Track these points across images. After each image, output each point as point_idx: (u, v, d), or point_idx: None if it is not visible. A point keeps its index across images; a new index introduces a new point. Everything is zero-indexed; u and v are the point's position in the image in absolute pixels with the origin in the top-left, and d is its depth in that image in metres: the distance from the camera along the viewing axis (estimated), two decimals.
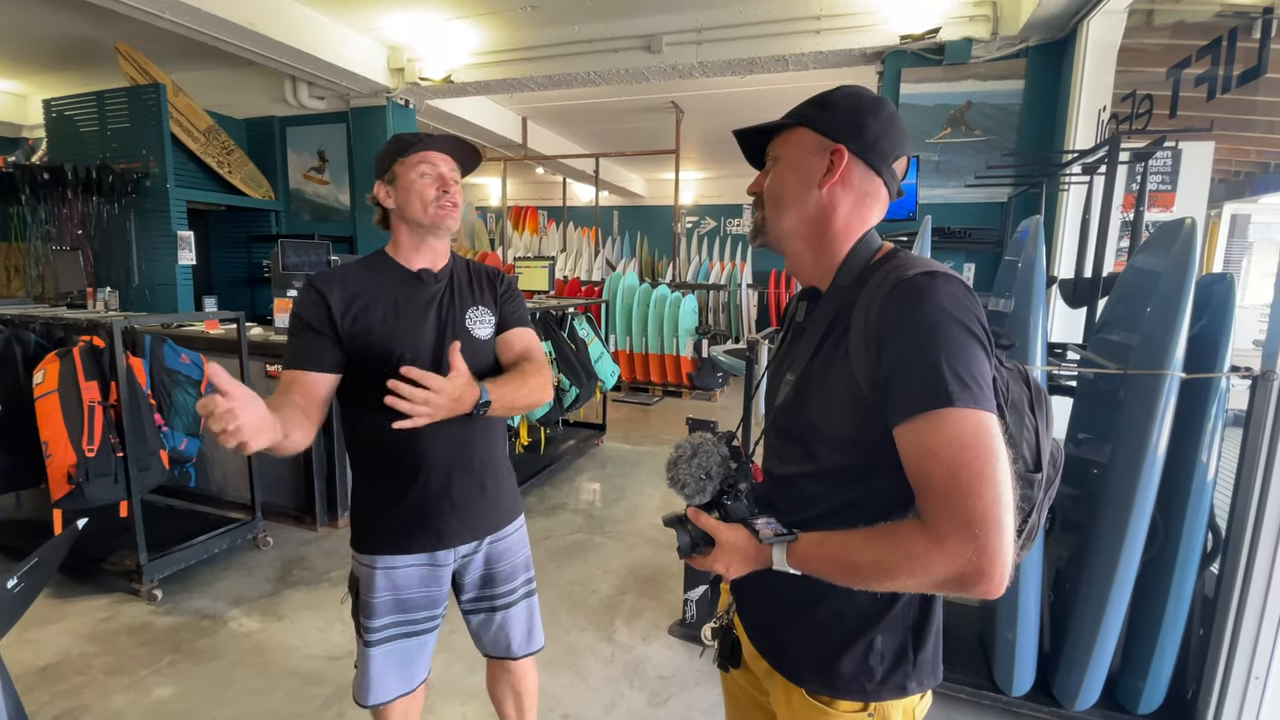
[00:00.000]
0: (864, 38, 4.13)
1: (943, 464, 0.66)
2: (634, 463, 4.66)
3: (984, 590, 0.65)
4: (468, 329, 1.35)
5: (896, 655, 0.83)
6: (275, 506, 3.42)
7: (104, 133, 4.86)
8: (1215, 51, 2.11)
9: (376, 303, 1.29)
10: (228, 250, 6.05)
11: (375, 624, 1.35)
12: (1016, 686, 1.98)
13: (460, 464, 1.34)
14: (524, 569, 1.50)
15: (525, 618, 1.50)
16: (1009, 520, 0.65)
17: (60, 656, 2.31)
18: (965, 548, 0.64)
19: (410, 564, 1.35)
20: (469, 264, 1.46)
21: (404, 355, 1.27)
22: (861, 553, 0.72)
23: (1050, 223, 3.71)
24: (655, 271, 10.50)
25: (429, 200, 1.29)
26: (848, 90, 0.84)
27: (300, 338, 1.28)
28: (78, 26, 4.73)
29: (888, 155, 0.82)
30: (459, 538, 1.37)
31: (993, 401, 0.69)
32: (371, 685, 1.37)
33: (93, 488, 2.47)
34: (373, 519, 1.36)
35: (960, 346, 0.69)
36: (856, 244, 0.83)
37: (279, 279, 3.88)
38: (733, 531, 0.82)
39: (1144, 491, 1.71)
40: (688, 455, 0.86)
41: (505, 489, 1.45)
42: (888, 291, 0.73)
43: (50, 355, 2.60)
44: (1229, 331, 1.72)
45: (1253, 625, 1.76)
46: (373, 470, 1.36)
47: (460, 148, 1.34)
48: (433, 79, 5.07)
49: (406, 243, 1.35)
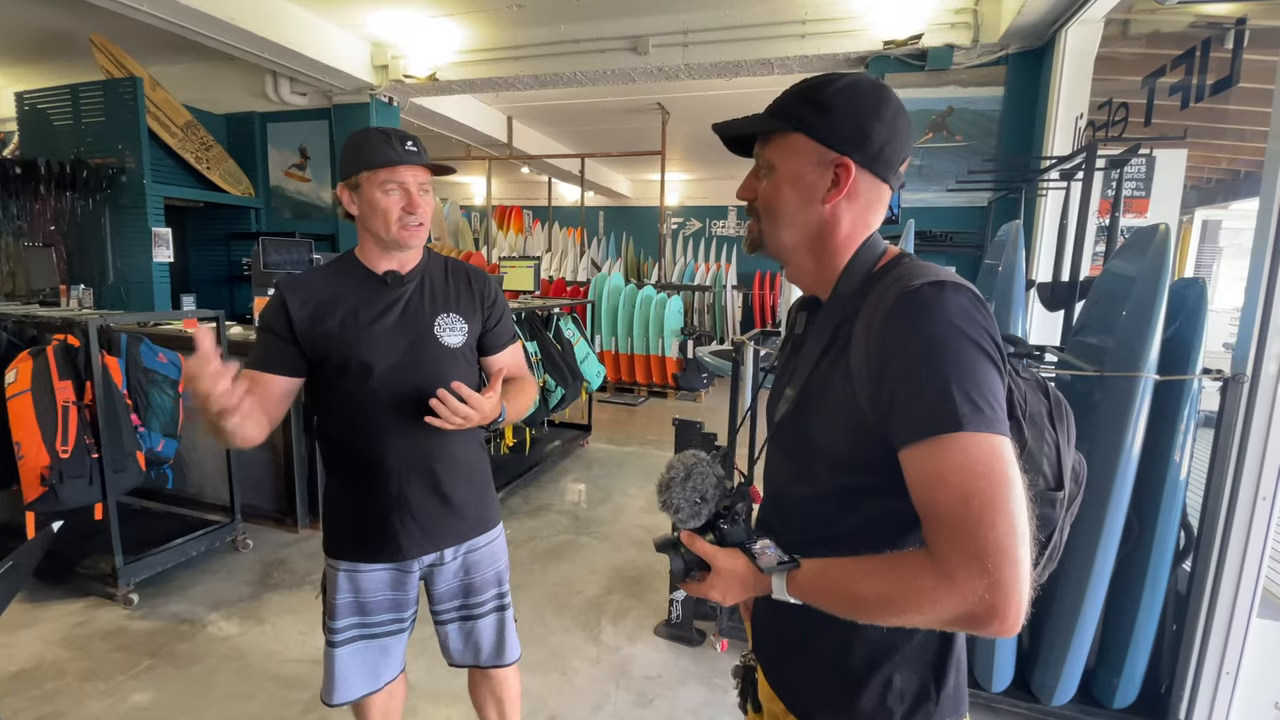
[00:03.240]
0: (848, 42, 4.17)
1: (952, 492, 0.61)
2: (619, 463, 4.66)
3: (997, 630, 0.60)
4: (435, 335, 1.31)
5: (918, 695, 0.75)
6: (255, 508, 3.37)
7: (78, 127, 4.75)
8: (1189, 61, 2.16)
9: (336, 308, 1.28)
10: (206, 248, 5.95)
11: (338, 624, 1.36)
12: (996, 683, 2.02)
13: (420, 473, 1.31)
14: (495, 583, 1.46)
15: (494, 630, 1.47)
16: (1024, 553, 0.59)
17: (34, 662, 2.26)
18: (976, 583, 0.58)
19: (374, 569, 1.35)
20: (447, 263, 1.41)
21: (362, 359, 1.26)
22: (866, 585, 0.67)
23: (1029, 227, 3.77)
24: (641, 272, 10.50)
25: (392, 220, 1.25)
26: (844, 85, 0.74)
27: (261, 339, 1.30)
28: (51, 18, 4.62)
29: (895, 161, 0.76)
30: (420, 548, 1.35)
31: (1005, 424, 0.64)
32: (336, 684, 1.37)
33: (67, 490, 2.41)
34: (338, 523, 1.36)
35: (970, 365, 0.63)
36: (859, 250, 0.77)
37: (259, 277, 3.83)
38: (730, 558, 0.77)
39: (1119, 491, 1.75)
40: (680, 478, 0.80)
41: (475, 500, 1.40)
42: (891, 304, 0.67)
43: (23, 354, 2.53)
44: (1201, 335, 1.76)
45: (1223, 621, 1.81)
46: (339, 475, 1.36)
47: (432, 166, 1.30)
48: (417, 77, 5.03)
49: (371, 248, 1.32)
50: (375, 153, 1.23)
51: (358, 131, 1.29)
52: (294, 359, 1.28)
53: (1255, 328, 1.70)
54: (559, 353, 4.20)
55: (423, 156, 1.27)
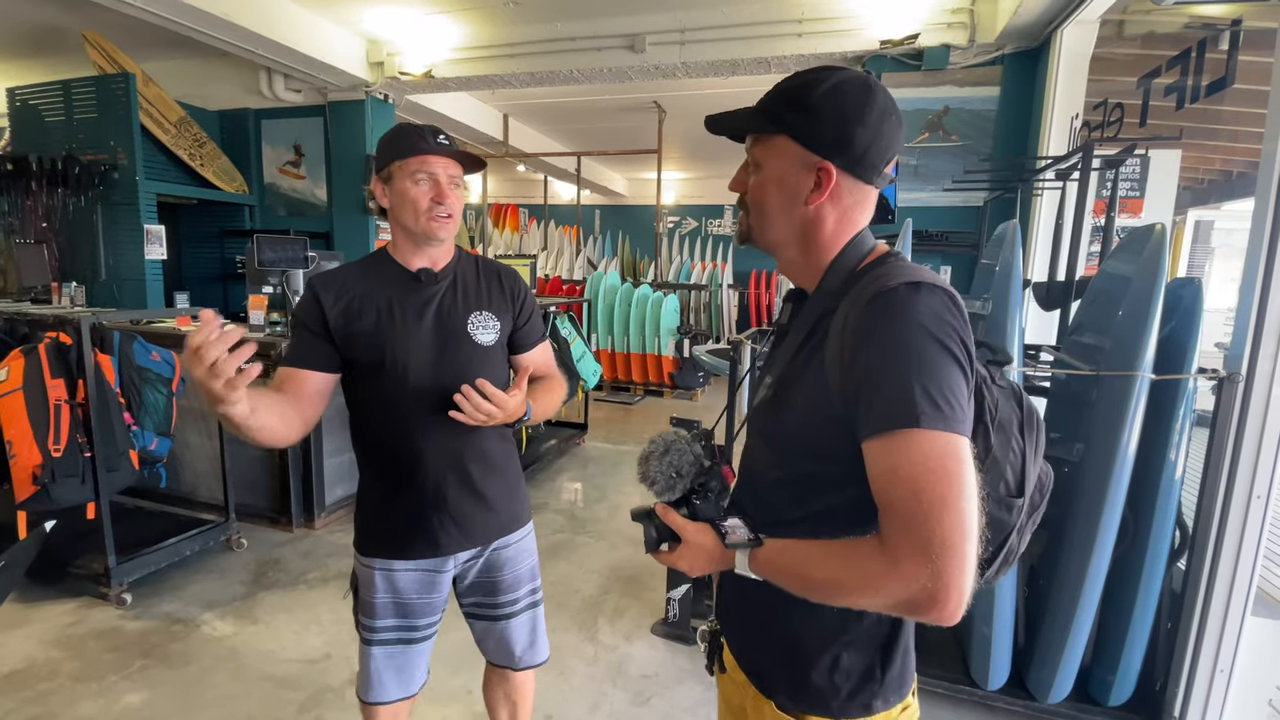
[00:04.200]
0: (845, 42, 4.17)
1: (905, 485, 0.64)
2: (615, 462, 4.65)
3: (937, 617, 0.63)
4: (469, 334, 1.32)
5: (863, 674, 0.81)
6: (249, 507, 3.35)
7: (70, 123, 4.70)
8: (1184, 62, 2.17)
9: (370, 304, 1.27)
10: (200, 245, 5.90)
11: (377, 624, 1.35)
12: (992, 681, 2.02)
13: (456, 470, 1.31)
14: (529, 578, 1.47)
15: (529, 628, 1.47)
16: (970, 548, 0.62)
17: (26, 663, 2.24)
18: (920, 572, 0.62)
19: (409, 569, 1.34)
20: (478, 262, 1.42)
21: (397, 357, 1.26)
22: (818, 567, 0.71)
23: (1024, 227, 3.79)
24: (637, 271, 10.51)
25: (421, 210, 1.25)
26: (830, 87, 0.75)
27: (297, 335, 1.29)
28: (44, 13, 4.57)
29: (878, 164, 0.78)
30: (458, 545, 1.34)
31: (966, 424, 0.66)
32: (373, 683, 1.37)
33: (59, 489, 2.39)
34: (373, 521, 1.35)
35: (933, 364, 0.66)
36: (846, 247, 0.80)
37: (254, 275, 3.79)
38: (699, 532, 0.81)
39: (1115, 489, 1.76)
40: (659, 452, 0.85)
41: (509, 495, 1.41)
42: (866, 302, 0.70)
43: (14, 352, 2.51)
44: (1197, 335, 1.77)
45: (1218, 619, 1.82)
46: (373, 470, 1.35)
47: (463, 157, 1.30)
48: (413, 74, 5.01)
49: (403, 243, 1.32)
50: (407, 143, 1.24)
51: (392, 127, 1.30)
52: (329, 355, 1.27)
53: (1250, 327, 1.71)
54: (555, 351, 4.19)
55: (453, 148, 1.28)
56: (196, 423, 3.35)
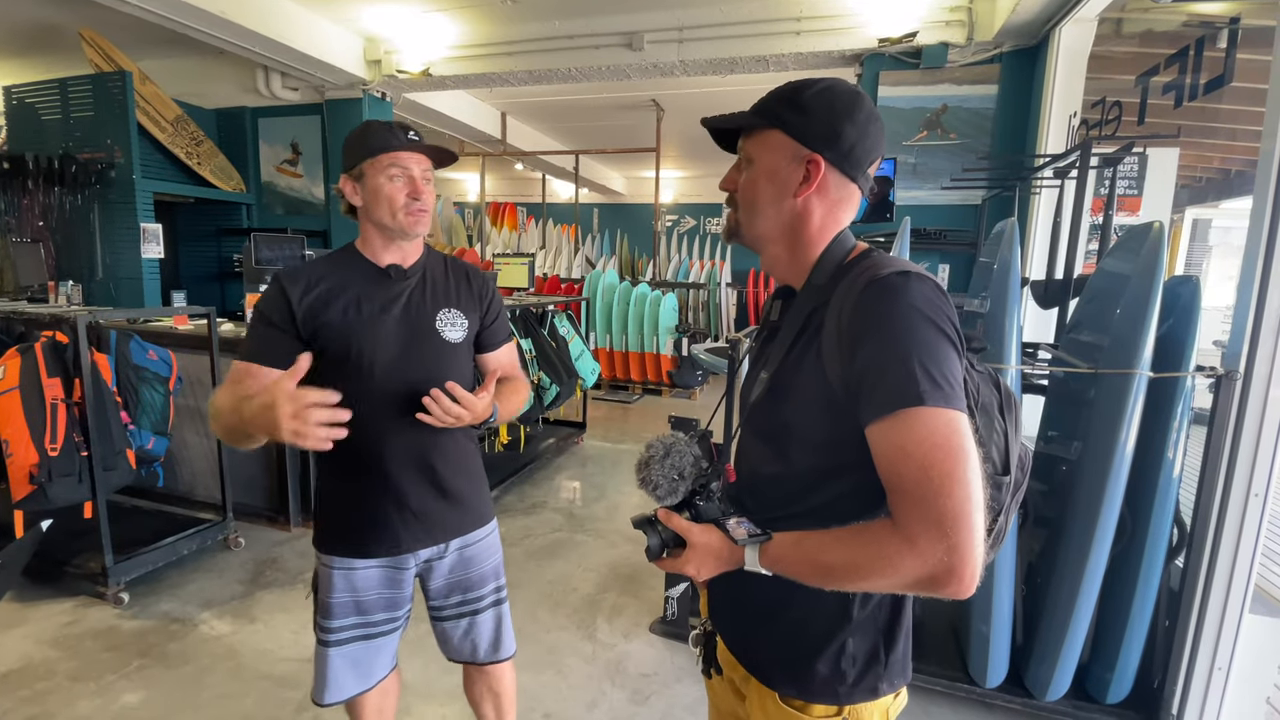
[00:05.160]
0: (843, 40, 4.17)
1: (914, 463, 0.66)
2: (614, 461, 4.65)
3: (954, 590, 0.65)
4: (437, 330, 1.32)
5: (868, 658, 0.83)
6: (247, 506, 3.35)
7: (67, 121, 4.69)
8: (1182, 60, 2.17)
9: (338, 299, 1.26)
10: (196, 244, 5.90)
11: (333, 624, 1.34)
12: (990, 678, 2.03)
13: (419, 468, 1.31)
14: (493, 576, 1.47)
15: (493, 625, 1.48)
16: (979, 520, 0.64)
17: (23, 662, 2.23)
18: (936, 547, 0.64)
19: (369, 566, 1.33)
20: (446, 260, 1.42)
21: (363, 351, 1.25)
22: (834, 553, 0.72)
23: (1022, 225, 3.79)
24: (635, 269, 10.50)
25: (398, 206, 1.25)
26: (822, 88, 0.80)
27: (258, 331, 1.27)
28: (40, 11, 4.56)
29: (863, 162, 0.81)
30: (419, 542, 1.34)
31: (964, 401, 0.69)
32: (328, 685, 1.36)
33: (56, 488, 2.39)
34: (333, 518, 1.35)
35: (932, 346, 0.69)
36: (830, 244, 0.83)
37: (251, 273, 3.79)
38: (705, 533, 0.81)
39: (1113, 487, 1.75)
40: (660, 455, 0.84)
41: (472, 494, 1.41)
42: (860, 290, 0.73)
43: (10, 351, 2.50)
44: (1195, 332, 1.77)
45: (1215, 617, 1.82)
46: (334, 468, 1.34)
47: (434, 152, 1.30)
48: (410, 72, 5.00)
49: (375, 239, 1.31)
50: (378, 140, 1.24)
51: (359, 125, 1.29)
52: (292, 351, 1.24)
53: (1248, 325, 1.71)
54: (554, 350, 4.19)
55: (424, 144, 1.28)
56: (194, 422, 3.34)
